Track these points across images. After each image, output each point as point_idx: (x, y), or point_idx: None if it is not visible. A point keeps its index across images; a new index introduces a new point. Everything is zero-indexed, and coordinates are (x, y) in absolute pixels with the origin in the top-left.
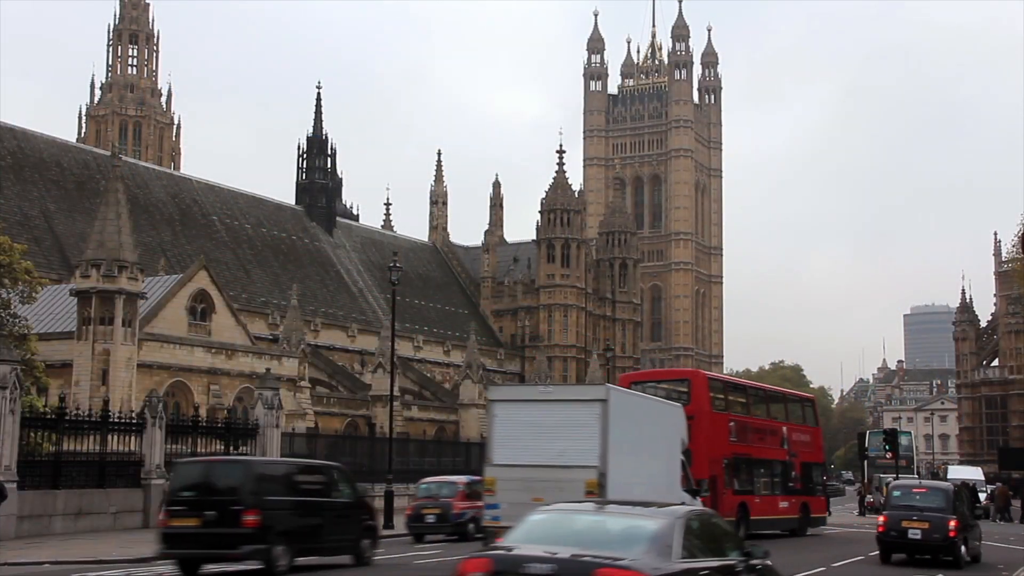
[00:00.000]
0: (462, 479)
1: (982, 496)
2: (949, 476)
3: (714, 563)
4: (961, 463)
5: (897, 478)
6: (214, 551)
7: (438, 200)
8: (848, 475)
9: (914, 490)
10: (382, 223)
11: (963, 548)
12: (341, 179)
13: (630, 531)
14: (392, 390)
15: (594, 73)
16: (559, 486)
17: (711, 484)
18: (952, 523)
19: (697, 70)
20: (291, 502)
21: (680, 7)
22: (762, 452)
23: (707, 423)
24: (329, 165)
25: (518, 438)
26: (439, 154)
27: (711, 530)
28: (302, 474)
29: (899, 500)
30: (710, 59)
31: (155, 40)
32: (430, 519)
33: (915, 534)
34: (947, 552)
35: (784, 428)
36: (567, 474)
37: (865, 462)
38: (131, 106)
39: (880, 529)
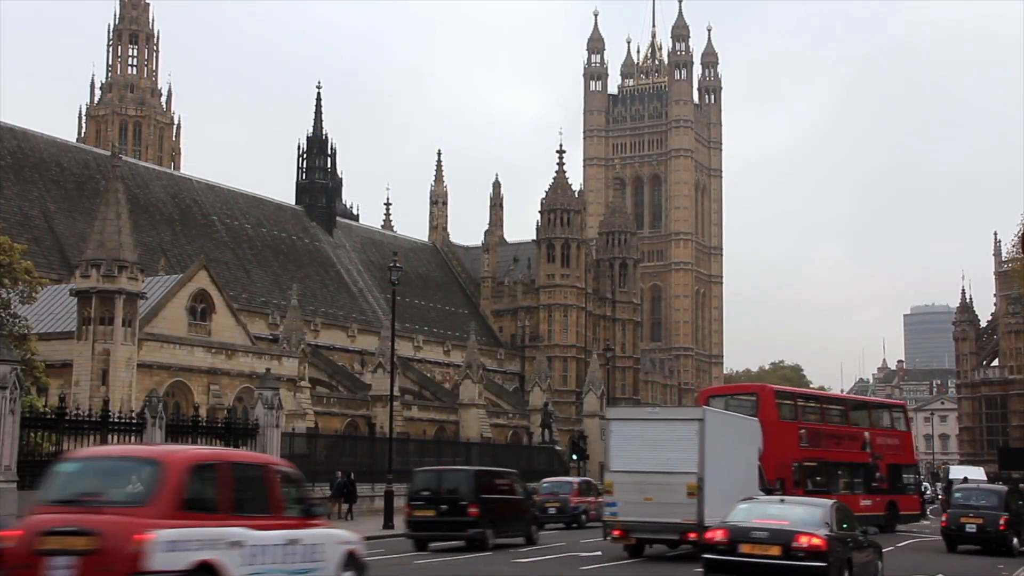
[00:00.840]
0: (576, 480)
1: None
2: (951, 476)
3: (849, 534)
4: (961, 463)
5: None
6: (446, 532)
7: (438, 200)
8: None
9: (972, 491)
10: (382, 223)
11: (1015, 540)
12: (341, 179)
13: (805, 513)
14: (392, 390)
15: (594, 73)
16: (666, 488)
17: (780, 485)
18: (1003, 519)
19: (697, 70)
20: (494, 499)
21: (680, 7)
22: (840, 455)
23: (773, 431)
24: (329, 165)
25: (631, 450)
26: (439, 154)
27: (844, 514)
28: (497, 479)
29: (960, 500)
30: (710, 59)
31: (155, 40)
32: (552, 511)
33: (971, 528)
34: (999, 543)
35: (866, 433)
36: (672, 479)
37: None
38: (131, 106)
39: (943, 524)
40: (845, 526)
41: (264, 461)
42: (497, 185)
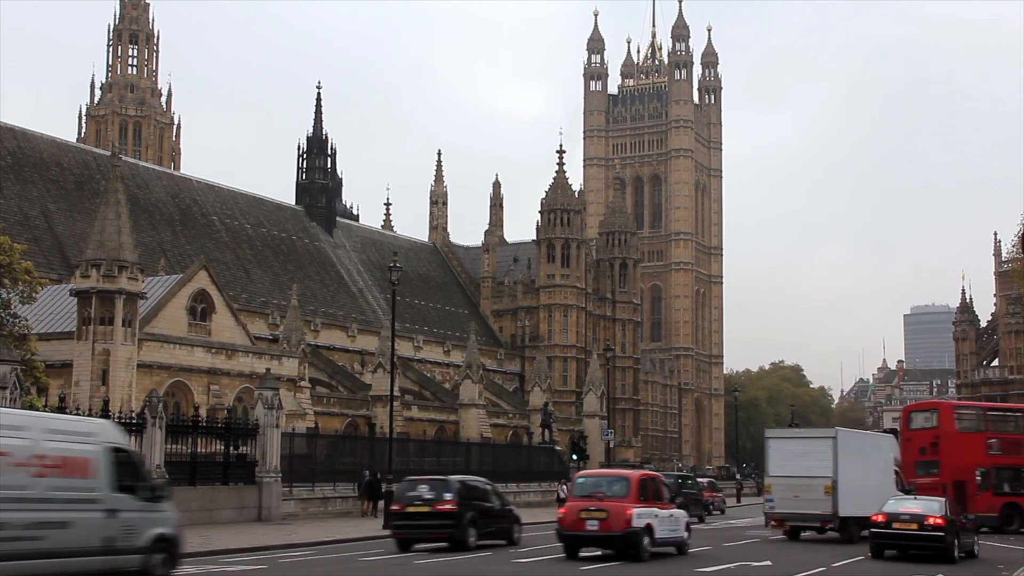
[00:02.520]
0: (705, 479)
1: None
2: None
3: (957, 518)
4: None
5: None
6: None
7: (438, 200)
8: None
9: None
10: (382, 223)
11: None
12: (341, 179)
13: (930, 505)
14: (392, 390)
15: (594, 73)
16: (809, 488)
17: (957, 488)
18: None
19: (697, 70)
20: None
21: (680, 7)
22: None
23: (950, 441)
24: (329, 165)
25: (784, 460)
26: (439, 154)
27: (953, 506)
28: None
29: None
30: (710, 59)
31: (155, 40)
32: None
33: None
34: None
35: None
36: (814, 481)
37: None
38: (131, 106)
39: None
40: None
41: (658, 476)
42: (497, 185)
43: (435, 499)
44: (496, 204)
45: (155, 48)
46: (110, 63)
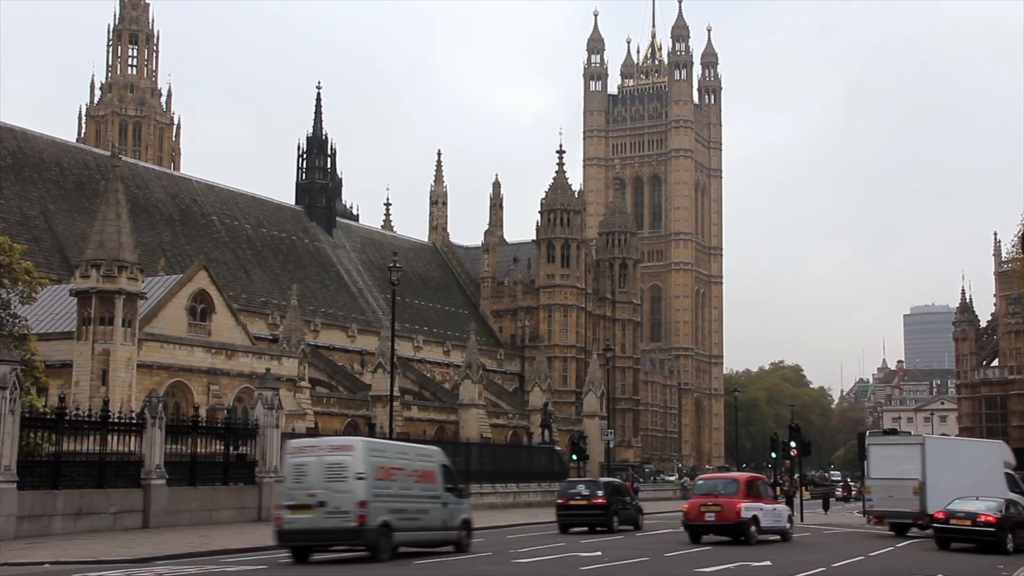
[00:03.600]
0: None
1: None
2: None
3: (1013, 516)
4: None
5: None
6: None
7: (438, 200)
8: (837, 476)
9: None
10: (382, 223)
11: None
12: (341, 179)
13: (988, 505)
14: (392, 390)
15: (594, 73)
16: (900, 489)
17: None
18: None
19: (697, 70)
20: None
21: (680, 7)
22: None
23: None
24: (329, 165)
25: (881, 463)
26: (439, 154)
27: (1013, 505)
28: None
29: None
30: (710, 59)
31: (155, 40)
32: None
33: None
34: None
35: None
36: (905, 483)
37: (865, 463)
38: (131, 106)
39: None
40: (1011, 511)
41: (762, 477)
42: (497, 185)
43: (590, 495)
44: (496, 204)
45: (155, 48)
46: (110, 63)
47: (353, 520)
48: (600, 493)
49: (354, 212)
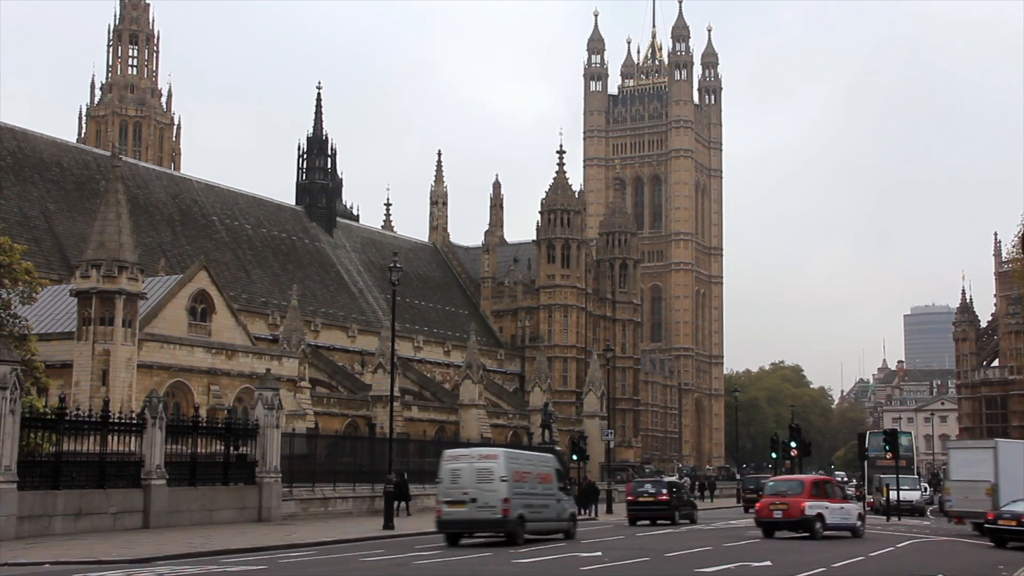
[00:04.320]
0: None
1: None
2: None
3: None
4: None
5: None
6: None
7: (438, 200)
8: (842, 475)
9: None
10: (382, 223)
11: None
12: (341, 179)
13: None
14: (392, 390)
15: (594, 73)
16: (975, 490)
17: None
18: None
19: (697, 70)
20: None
21: (680, 7)
22: None
23: None
24: (329, 165)
25: (959, 467)
26: (439, 154)
27: None
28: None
29: None
30: (710, 59)
31: (155, 40)
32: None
33: None
34: None
35: None
36: (979, 484)
37: (865, 463)
38: (131, 106)
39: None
40: None
41: (831, 479)
42: (497, 185)
43: (656, 492)
44: (496, 204)
45: (155, 48)
46: (110, 63)
47: (498, 513)
48: (664, 491)
49: (354, 212)
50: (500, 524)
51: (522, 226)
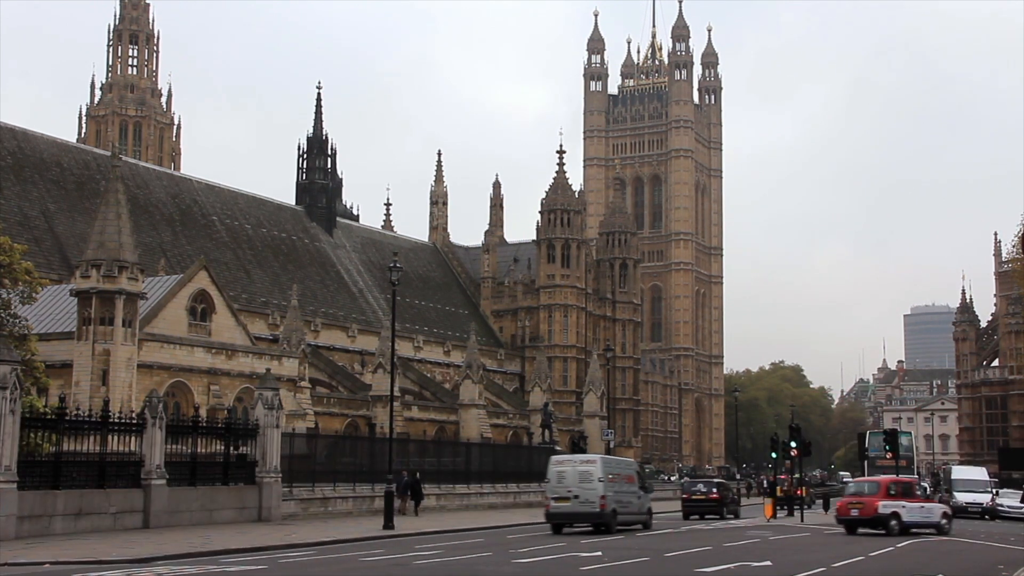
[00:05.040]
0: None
1: None
2: (955, 476)
3: None
4: (961, 463)
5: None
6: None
7: (438, 200)
8: (847, 476)
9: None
10: (382, 223)
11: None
12: (341, 179)
13: None
14: (392, 390)
15: (594, 73)
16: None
17: None
18: None
19: (697, 70)
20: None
21: (680, 7)
22: None
23: None
24: (329, 165)
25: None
26: (439, 154)
27: None
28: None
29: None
30: (710, 59)
31: (155, 40)
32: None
33: None
34: None
35: None
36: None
37: (865, 462)
38: (131, 106)
39: None
40: None
41: (911, 480)
42: (497, 185)
43: (707, 492)
44: (496, 204)
45: (155, 48)
46: (110, 63)
47: (596, 507)
48: (715, 491)
49: (354, 212)
50: (598, 516)
51: (522, 226)
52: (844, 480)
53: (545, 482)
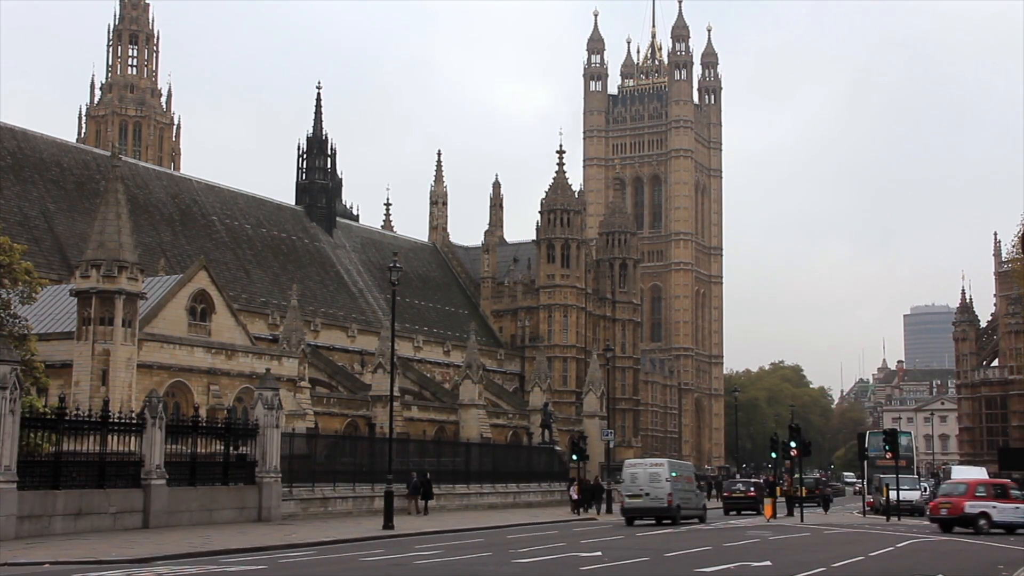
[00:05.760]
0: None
1: None
2: (954, 476)
3: None
4: (961, 463)
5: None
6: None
7: (438, 200)
8: (851, 476)
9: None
10: (382, 223)
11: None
12: (341, 179)
13: None
14: (392, 390)
15: (594, 73)
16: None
17: None
18: None
19: (697, 70)
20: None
21: (680, 7)
22: None
23: None
24: (329, 165)
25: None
26: (439, 154)
27: None
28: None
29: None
30: (710, 59)
31: (155, 40)
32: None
33: None
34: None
35: None
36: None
37: (865, 463)
38: (131, 106)
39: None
40: None
41: (1004, 482)
42: (497, 185)
43: (746, 490)
44: (496, 204)
45: (155, 48)
46: (110, 63)
47: (665, 503)
48: (752, 489)
49: (354, 212)
50: (666, 510)
51: (522, 226)
52: (847, 480)
53: (619, 481)
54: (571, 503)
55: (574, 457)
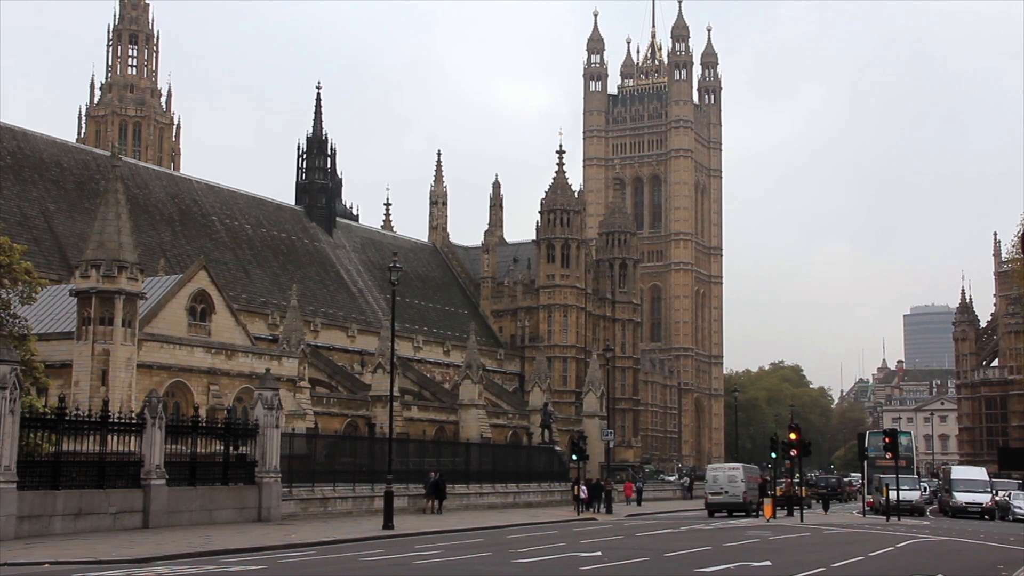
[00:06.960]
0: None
1: None
2: (954, 477)
3: None
4: (961, 463)
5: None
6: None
7: (438, 200)
8: (855, 477)
9: None
10: (382, 223)
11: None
12: (341, 179)
13: None
14: (392, 390)
15: (594, 73)
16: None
17: None
18: None
19: (697, 70)
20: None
21: (680, 7)
22: None
23: None
24: (329, 165)
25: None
26: (439, 154)
27: None
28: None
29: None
30: (710, 59)
31: (155, 40)
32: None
33: None
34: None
35: None
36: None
37: (865, 462)
38: (131, 106)
39: None
40: None
41: None
42: (497, 185)
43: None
44: (496, 204)
45: (155, 48)
46: (110, 63)
47: (740, 499)
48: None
49: (354, 212)
50: (742, 505)
51: (522, 226)
52: (851, 481)
53: (704, 482)
54: (577, 502)
55: (574, 457)
